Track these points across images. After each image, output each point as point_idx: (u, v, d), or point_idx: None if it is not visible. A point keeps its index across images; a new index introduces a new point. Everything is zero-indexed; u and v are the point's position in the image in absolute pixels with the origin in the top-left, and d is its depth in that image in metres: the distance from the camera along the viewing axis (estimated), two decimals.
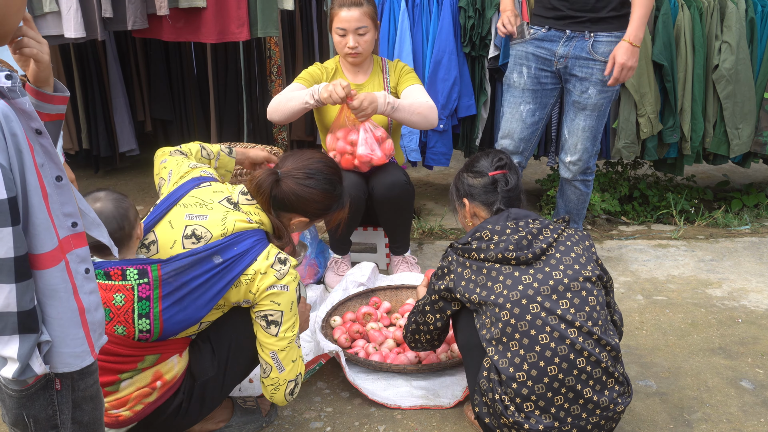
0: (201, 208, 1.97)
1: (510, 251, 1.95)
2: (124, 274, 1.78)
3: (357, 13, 2.93)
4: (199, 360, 1.96)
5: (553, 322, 1.88)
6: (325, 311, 2.76)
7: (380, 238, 3.31)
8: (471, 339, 2.01)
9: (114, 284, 1.78)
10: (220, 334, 1.98)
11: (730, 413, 2.29)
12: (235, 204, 2.01)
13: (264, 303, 1.90)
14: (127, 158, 5.13)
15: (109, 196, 1.86)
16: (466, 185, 2.19)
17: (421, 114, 2.92)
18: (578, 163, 3.18)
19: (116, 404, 1.85)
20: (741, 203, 4.25)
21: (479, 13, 3.77)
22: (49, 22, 3.52)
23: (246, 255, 1.88)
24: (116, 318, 1.79)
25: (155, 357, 1.86)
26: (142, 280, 1.79)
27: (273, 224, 2.04)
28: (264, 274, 1.88)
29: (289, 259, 1.94)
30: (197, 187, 2.05)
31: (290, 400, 2.00)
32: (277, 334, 1.91)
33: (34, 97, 1.45)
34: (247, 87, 4.67)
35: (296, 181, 2.03)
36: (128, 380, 1.84)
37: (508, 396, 1.88)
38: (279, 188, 2.02)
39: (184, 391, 1.94)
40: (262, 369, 1.97)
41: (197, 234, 1.92)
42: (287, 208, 2.05)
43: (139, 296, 1.79)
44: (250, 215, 1.99)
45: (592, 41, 2.98)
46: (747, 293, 3.13)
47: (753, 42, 3.85)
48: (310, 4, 4.71)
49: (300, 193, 2.03)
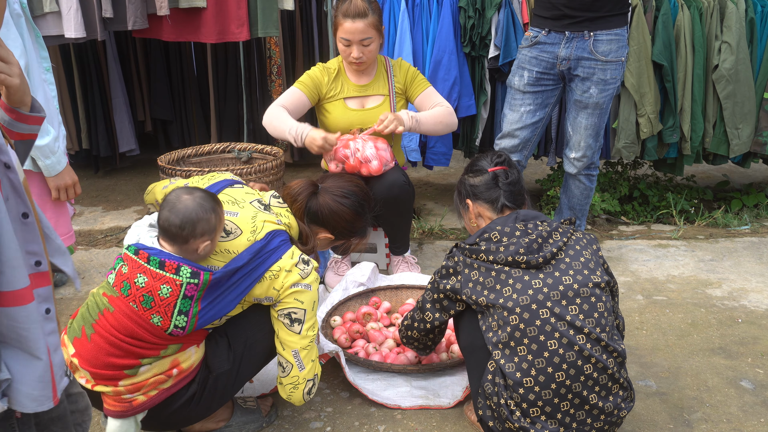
0: (233, 206, 2.01)
1: (520, 254, 1.94)
2: (178, 269, 1.80)
3: (362, 24, 2.92)
4: (216, 353, 1.99)
5: (562, 328, 1.87)
6: (325, 311, 2.76)
7: (380, 238, 3.31)
8: (474, 341, 2.00)
9: (165, 275, 1.80)
10: (237, 329, 2.00)
11: (730, 413, 2.29)
12: (266, 206, 2.07)
13: (287, 301, 1.93)
14: (127, 158, 5.13)
15: (199, 199, 1.85)
16: (468, 186, 2.20)
17: (443, 123, 3.04)
18: (582, 159, 3.21)
19: (132, 388, 1.86)
20: (741, 203, 4.26)
21: (479, 13, 3.77)
22: (49, 22, 3.52)
23: (273, 253, 1.92)
24: (156, 308, 1.80)
25: (177, 346, 1.89)
26: (193, 280, 1.80)
27: (302, 230, 2.12)
28: (289, 272, 1.91)
29: (311, 261, 1.98)
30: (230, 186, 2.10)
31: (307, 399, 2.02)
32: (300, 332, 1.94)
33: (7, 114, 1.36)
34: (247, 87, 4.67)
35: (332, 197, 2.17)
36: (147, 366, 1.86)
37: (514, 401, 1.88)
38: (315, 200, 2.15)
39: (199, 382, 1.97)
40: (282, 368, 1.99)
41: (227, 229, 1.95)
42: (318, 221, 2.17)
43: (185, 294, 1.81)
44: (280, 217, 2.05)
45: (592, 40, 2.99)
46: (747, 293, 3.13)
47: (753, 42, 3.85)
48: (310, 4, 4.71)
49: (334, 209, 2.17)
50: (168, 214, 1.84)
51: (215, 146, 3.41)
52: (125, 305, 1.82)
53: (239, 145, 3.43)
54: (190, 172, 2.97)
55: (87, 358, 1.84)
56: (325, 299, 2.94)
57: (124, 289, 1.83)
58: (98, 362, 1.84)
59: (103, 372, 1.84)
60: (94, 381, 1.86)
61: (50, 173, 2.44)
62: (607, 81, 3.04)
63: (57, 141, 2.44)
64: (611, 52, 3.01)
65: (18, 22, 2.29)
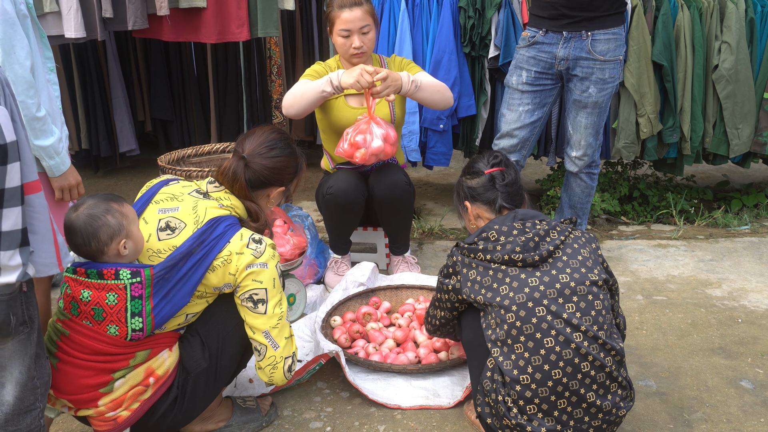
0: (172, 202, 2.01)
1: (517, 253, 1.95)
2: (117, 273, 1.80)
3: (359, 12, 2.92)
4: (190, 353, 1.97)
5: (559, 326, 1.88)
6: (325, 311, 2.75)
7: (380, 238, 3.31)
8: (476, 337, 2.01)
9: (107, 283, 1.80)
10: (208, 325, 1.99)
11: (730, 413, 2.29)
12: (204, 193, 2.05)
13: (246, 284, 1.91)
14: (127, 158, 5.13)
15: (87, 209, 1.83)
16: (466, 188, 2.20)
17: (441, 93, 2.96)
18: (584, 158, 3.22)
19: (112, 406, 1.86)
20: (741, 203, 4.26)
21: (479, 13, 3.77)
22: (50, 22, 3.52)
23: (220, 239, 1.91)
24: (109, 317, 1.80)
25: (146, 353, 1.88)
26: (134, 279, 1.80)
27: (248, 208, 2.09)
28: (240, 254, 1.90)
29: (264, 238, 1.95)
30: (166, 185, 2.09)
31: (289, 377, 2.00)
32: (265, 312, 1.93)
33: None
34: (247, 87, 4.67)
35: (263, 156, 2.10)
36: (121, 379, 1.86)
37: (512, 398, 1.88)
38: (250, 170, 2.08)
39: (178, 386, 1.96)
40: (257, 352, 1.97)
41: (171, 225, 1.94)
42: (264, 184, 2.11)
43: (132, 295, 1.80)
44: (220, 201, 2.03)
45: (590, 40, 3.00)
46: (747, 293, 3.13)
47: (753, 42, 3.85)
48: (310, 4, 4.72)
49: (271, 166, 2.10)
50: (71, 237, 1.83)
51: (215, 146, 3.41)
52: (79, 325, 1.83)
53: None
54: (190, 172, 2.97)
55: (60, 388, 1.85)
56: (325, 299, 2.94)
57: (73, 310, 1.83)
58: (72, 388, 1.84)
59: (79, 396, 1.84)
60: (76, 407, 1.87)
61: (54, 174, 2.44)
62: (605, 80, 3.05)
63: (61, 142, 2.44)
64: (609, 52, 3.02)
65: (24, 22, 2.29)
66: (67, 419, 2.22)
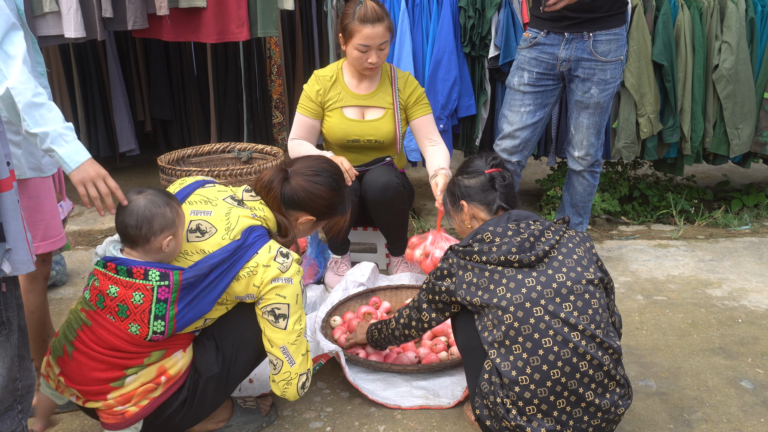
0: (205, 205, 2.00)
1: (513, 254, 1.94)
2: (146, 274, 1.79)
3: (381, 28, 2.87)
4: (204, 356, 1.97)
5: (557, 326, 1.87)
6: (325, 311, 2.75)
7: (380, 238, 3.31)
8: (471, 341, 2.01)
9: (135, 282, 1.80)
10: (225, 331, 1.99)
11: (730, 413, 2.29)
12: (239, 201, 2.04)
13: (269, 297, 1.91)
14: (127, 158, 5.13)
15: (150, 196, 1.84)
16: (463, 187, 2.19)
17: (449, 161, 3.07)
18: (587, 157, 3.23)
19: (121, 400, 1.85)
20: (741, 203, 4.26)
21: (479, 13, 3.77)
22: (49, 22, 3.52)
23: (248, 249, 1.90)
24: (132, 316, 1.80)
25: (161, 353, 1.87)
26: (163, 282, 1.79)
27: (279, 222, 2.08)
28: (267, 267, 1.89)
29: (291, 253, 1.95)
30: (202, 187, 2.08)
31: (302, 394, 2.01)
32: (286, 327, 1.92)
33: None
34: (247, 87, 4.67)
35: (305, 177, 2.10)
36: (133, 375, 1.85)
37: (510, 399, 1.88)
38: (288, 185, 2.08)
39: (189, 387, 1.95)
40: (273, 366, 1.97)
41: (201, 228, 1.94)
42: (296, 205, 2.10)
43: (158, 297, 1.80)
44: (254, 210, 2.02)
45: (592, 41, 2.99)
46: (747, 293, 3.13)
47: (753, 42, 3.85)
48: (310, 4, 4.71)
49: (309, 189, 2.09)
50: (123, 217, 1.83)
51: (215, 146, 3.41)
52: (102, 318, 1.82)
53: (239, 145, 3.42)
54: (190, 172, 2.97)
55: (71, 377, 1.85)
56: (325, 299, 2.94)
57: (99, 302, 1.83)
58: (83, 379, 1.84)
59: (89, 388, 1.84)
60: (84, 398, 1.86)
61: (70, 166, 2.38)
62: (607, 81, 3.05)
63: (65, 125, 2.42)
64: (611, 52, 3.02)
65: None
66: (67, 419, 2.22)
